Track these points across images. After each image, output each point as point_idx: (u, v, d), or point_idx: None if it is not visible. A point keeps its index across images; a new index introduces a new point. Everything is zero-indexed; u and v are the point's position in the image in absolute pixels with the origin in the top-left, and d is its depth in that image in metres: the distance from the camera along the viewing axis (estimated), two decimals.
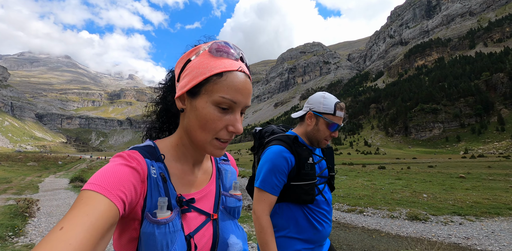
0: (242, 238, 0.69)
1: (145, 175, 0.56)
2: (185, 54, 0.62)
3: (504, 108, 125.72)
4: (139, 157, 0.57)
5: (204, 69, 0.57)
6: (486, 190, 11.16)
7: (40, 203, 7.30)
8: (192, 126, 0.60)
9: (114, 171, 0.51)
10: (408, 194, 10.40)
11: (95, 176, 0.50)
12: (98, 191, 0.47)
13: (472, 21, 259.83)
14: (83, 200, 0.46)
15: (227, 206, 0.71)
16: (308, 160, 1.25)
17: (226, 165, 0.79)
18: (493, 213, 7.31)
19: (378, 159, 65.18)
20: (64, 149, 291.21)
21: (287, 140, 1.28)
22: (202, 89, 0.57)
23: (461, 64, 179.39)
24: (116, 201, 0.48)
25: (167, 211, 0.55)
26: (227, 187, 0.74)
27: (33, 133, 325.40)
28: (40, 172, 28.31)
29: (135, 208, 0.54)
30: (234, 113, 0.59)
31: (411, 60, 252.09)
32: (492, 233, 5.80)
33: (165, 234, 0.53)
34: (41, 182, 16.77)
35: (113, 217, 0.46)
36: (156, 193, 0.57)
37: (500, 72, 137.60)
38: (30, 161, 40.11)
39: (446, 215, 7.31)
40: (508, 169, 25.96)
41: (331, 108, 1.30)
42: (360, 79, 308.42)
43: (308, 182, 1.24)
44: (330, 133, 1.32)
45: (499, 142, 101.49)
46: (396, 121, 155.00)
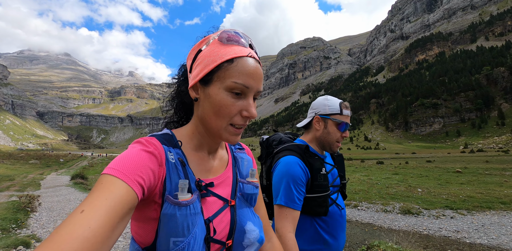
0: (259, 226, 0.70)
1: (162, 159, 0.57)
2: (195, 45, 0.64)
3: (504, 102, 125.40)
4: (157, 143, 0.59)
5: (215, 57, 0.58)
6: (480, 184, 11.26)
7: (41, 198, 7.60)
8: (207, 114, 0.61)
9: (133, 156, 0.53)
10: (403, 188, 10.51)
11: (114, 161, 0.52)
12: (117, 175, 0.48)
13: (474, 14, 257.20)
14: (103, 184, 0.47)
15: (244, 193, 0.71)
16: (321, 171, 1.22)
17: (242, 153, 0.80)
18: (485, 207, 7.40)
19: (378, 154, 65.47)
20: (65, 146, 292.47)
21: (298, 150, 1.24)
22: (214, 76, 0.59)
23: (462, 59, 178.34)
24: (134, 186, 0.49)
25: (188, 194, 0.56)
26: (244, 174, 0.75)
27: (35, 131, 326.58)
28: (42, 169, 28.64)
29: (154, 191, 0.55)
30: (247, 98, 0.61)
31: (411, 55, 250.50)
32: (482, 227, 5.90)
33: (186, 216, 0.54)
34: (43, 179, 17.04)
35: (131, 201, 0.47)
36: (176, 176, 0.58)
37: (501, 66, 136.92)
38: (32, 159, 40.47)
39: (439, 209, 7.40)
40: (505, 163, 26.20)
41: (337, 108, 1.29)
42: (360, 74, 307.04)
43: (322, 194, 1.21)
44: (341, 134, 1.30)
45: (499, 137, 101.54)
46: (396, 116, 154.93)
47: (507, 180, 12.06)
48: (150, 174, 0.53)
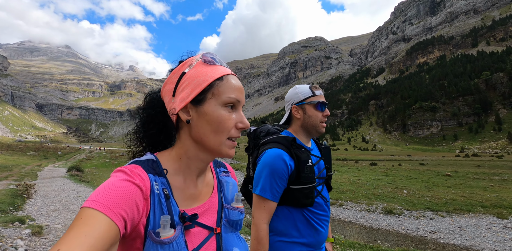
0: (245, 250, 0.70)
1: (148, 192, 0.55)
2: (176, 68, 0.65)
3: (502, 108, 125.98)
4: (142, 173, 0.56)
5: (205, 76, 0.60)
6: (466, 188, 11.47)
7: (37, 187, 8.07)
8: (204, 133, 0.61)
9: (116, 188, 0.50)
10: (389, 189, 10.74)
11: (96, 192, 0.49)
12: (99, 209, 0.45)
13: (476, 19, 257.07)
14: (82, 219, 0.44)
15: (230, 219, 0.70)
16: (307, 163, 1.22)
17: (227, 177, 0.79)
18: (465, 209, 7.61)
19: (373, 156, 65.87)
20: (64, 139, 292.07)
21: (284, 142, 1.24)
22: (208, 94, 0.60)
23: (462, 63, 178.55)
24: (117, 220, 0.46)
25: (170, 230, 0.54)
26: (229, 199, 0.74)
27: (34, 123, 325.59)
28: (40, 161, 28.97)
29: (137, 227, 0.53)
30: (238, 111, 0.64)
31: (412, 57, 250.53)
32: (458, 228, 6.11)
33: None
34: (40, 170, 17.40)
35: (114, 237, 0.45)
36: (159, 210, 0.56)
37: (500, 72, 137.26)
38: (30, 150, 40.77)
39: (420, 210, 7.61)
40: (496, 168, 26.38)
41: (308, 91, 1.32)
42: (361, 75, 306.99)
43: (308, 186, 1.22)
44: (322, 114, 1.31)
45: (495, 142, 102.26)
46: (395, 118, 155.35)
47: (493, 185, 12.31)
48: (134, 208, 0.51)
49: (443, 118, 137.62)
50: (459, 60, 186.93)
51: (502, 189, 11.04)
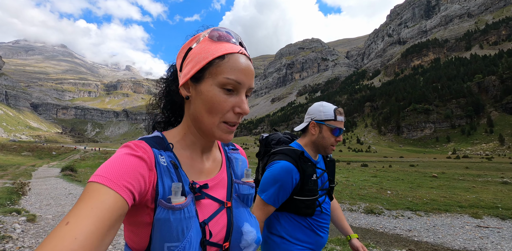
0: (256, 226, 0.69)
1: (152, 163, 0.55)
2: (185, 43, 0.64)
3: (494, 110, 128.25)
4: (146, 146, 0.57)
5: (206, 54, 0.58)
6: (449, 189, 11.61)
7: (31, 185, 8.79)
8: (199, 111, 0.60)
9: (120, 162, 0.51)
10: (374, 190, 10.93)
11: (101, 167, 0.50)
12: (104, 183, 0.47)
13: (470, 22, 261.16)
14: (89, 193, 0.46)
15: (240, 194, 0.71)
16: (312, 177, 1.29)
17: (236, 153, 0.79)
18: (443, 209, 7.79)
19: (366, 157, 66.74)
20: (59, 139, 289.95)
21: (293, 155, 1.30)
22: (206, 73, 0.58)
23: (455, 66, 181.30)
24: (122, 192, 0.47)
25: (182, 197, 0.55)
26: (239, 175, 0.74)
27: (28, 122, 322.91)
28: (34, 161, 29.35)
29: (146, 197, 0.54)
30: (239, 95, 0.60)
31: (407, 60, 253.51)
32: (433, 227, 6.31)
33: (181, 220, 0.53)
34: (35, 170, 17.91)
35: (120, 208, 0.46)
36: (168, 179, 0.57)
37: (492, 75, 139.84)
38: (25, 151, 41.00)
39: (400, 210, 7.81)
40: (483, 170, 26.98)
41: (331, 114, 1.36)
42: (357, 77, 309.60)
43: (311, 198, 1.29)
44: (335, 139, 1.37)
45: (486, 144, 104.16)
46: (389, 120, 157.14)
47: (475, 186, 12.42)
48: (139, 179, 0.52)
49: (437, 120, 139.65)
50: (453, 63, 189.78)
51: (483, 190, 11.34)
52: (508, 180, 14.50)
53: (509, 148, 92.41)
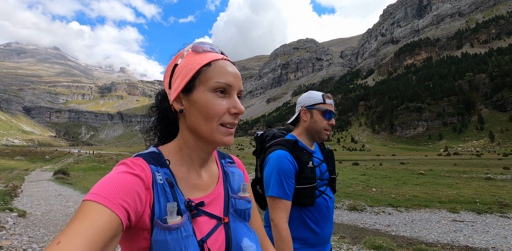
0: (255, 241, 0.69)
1: (149, 182, 0.55)
2: (170, 62, 0.65)
3: (484, 108, 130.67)
4: (143, 164, 0.57)
5: (193, 64, 0.61)
6: (433, 185, 11.80)
7: (23, 188, 9.30)
8: (196, 121, 0.61)
9: (116, 180, 0.50)
10: (360, 188, 11.09)
11: (96, 185, 0.49)
12: (99, 201, 0.46)
13: (461, 21, 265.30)
14: (83, 212, 0.45)
15: (237, 209, 0.70)
16: (308, 164, 1.27)
17: (232, 167, 0.79)
18: (423, 205, 7.99)
19: (359, 156, 67.63)
20: (53, 143, 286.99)
21: (287, 144, 1.30)
22: (196, 82, 0.60)
23: (447, 64, 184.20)
24: (118, 211, 0.46)
25: (177, 216, 0.54)
26: (235, 189, 0.74)
27: (21, 126, 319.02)
28: (27, 165, 29.46)
29: (143, 217, 0.53)
30: (232, 97, 0.62)
31: (400, 59, 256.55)
32: (411, 222, 6.52)
33: (178, 240, 0.52)
34: (28, 174, 18.23)
35: (115, 228, 0.45)
36: (164, 199, 0.56)
37: (483, 73, 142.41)
38: (18, 155, 40.93)
39: (382, 206, 8.00)
40: (470, 166, 27.56)
41: (319, 98, 1.37)
42: (351, 76, 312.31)
43: (308, 186, 1.27)
44: (327, 122, 1.37)
45: (477, 141, 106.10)
46: (383, 118, 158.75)
47: (458, 182, 12.62)
48: (136, 198, 0.51)
49: (429, 118, 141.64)
50: (444, 62, 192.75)
51: (465, 186, 11.47)
52: (491, 176, 14.85)
53: (499, 145, 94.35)
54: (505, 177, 14.75)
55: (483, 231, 5.80)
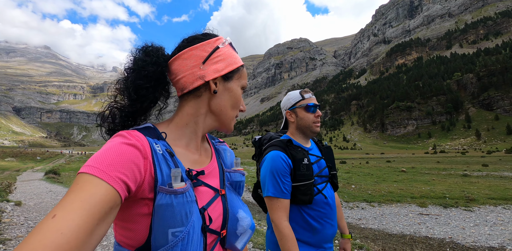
0: (249, 213, 0.72)
1: (147, 151, 0.54)
2: (211, 40, 0.67)
3: (472, 106, 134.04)
4: (139, 134, 0.57)
5: (236, 59, 0.69)
6: (410, 182, 12.16)
7: (16, 185, 10.34)
8: (224, 106, 0.68)
9: (113, 151, 0.49)
10: (340, 185, 11.27)
11: (92, 157, 0.48)
12: (95, 173, 0.45)
13: (451, 22, 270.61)
14: (79, 185, 0.44)
15: (233, 181, 0.73)
16: (303, 161, 1.28)
17: (223, 145, 0.82)
18: (395, 200, 8.32)
19: (349, 154, 69.18)
20: (45, 143, 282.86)
21: (281, 144, 1.32)
22: (235, 75, 0.69)
23: (436, 64, 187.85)
24: (115, 184, 0.46)
25: (182, 182, 0.55)
26: (228, 165, 0.77)
27: (11, 127, 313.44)
28: (18, 167, 29.78)
29: (143, 186, 0.52)
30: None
31: (392, 59, 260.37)
32: (381, 216, 6.84)
33: (183, 204, 0.53)
34: (19, 175, 18.79)
35: (112, 201, 0.45)
36: (166, 167, 0.56)
37: (470, 73, 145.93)
38: (8, 156, 41.02)
39: (357, 202, 8.38)
40: (452, 164, 28.37)
41: (297, 96, 1.41)
42: (344, 76, 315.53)
43: (305, 183, 1.26)
44: (313, 115, 1.39)
45: (464, 139, 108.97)
46: (374, 117, 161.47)
47: (435, 179, 12.95)
48: (134, 169, 0.50)
49: (418, 117, 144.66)
50: (434, 62, 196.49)
51: (440, 183, 11.75)
52: (468, 173, 15.39)
53: (485, 143, 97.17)
54: (481, 174, 15.31)
55: (444, 223, 6.13)
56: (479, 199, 8.11)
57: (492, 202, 7.80)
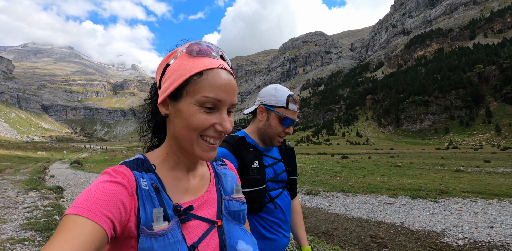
0: (252, 243, 0.66)
1: (132, 188, 0.53)
2: (163, 59, 0.62)
3: (493, 100, 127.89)
4: (126, 171, 0.55)
5: (183, 71, 0.56)
6: (397, 176, 12.25)
7: (49, 169, 14.17)
8: (178, 130, 0.58)
9: (97, 190, 0.48)
10: (328, 177, 11.82)
11: (78, 198, 0.47)
12: (80, 214, 0.44)
13: (476, 10, 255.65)
14: (64, 226, 0.43)
15: (231, 211, 0.67)
16: (253, 164, 1.13)
17: (224, 169, 0.77)
18: (370, 191, 8.63)
19: (358, 149, 69.41)
20: (70, 139, 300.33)
21: (231, 141, 1.16)
22: (184, 91, 0.56)
23: (457, 56, 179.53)
24: (101, 221, 0.45)
25: (164, 222, 0.52)
26: (229, 191, 0.71)
27: (40, 124, 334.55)
28: (48, 159, 33.84)
29: (128, 225, 0.51)
30: (221, 112, 0.58)
31: (411, 51, 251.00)
32: (350, 203, 7.28)
33: (165, 246, 0.50)
34: (50, 165, 22.15)
35: (100, 239, 0.44)
36: (150, 205, 0.54)
37: (493, 65, 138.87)
38: (39, 150, 45.86)
39: (334, 191, 8.72)
40: (456, 160, 27.47)
41: (283, 100, 1.20)
42: (360, 69, 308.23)
43: (254, 189, 1.12)
44: (283, 129, 1.21)
45: (483, 134, 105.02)
46: (389, 112, 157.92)
47: (422, 173, 12.96)
48: (119, 206, 0.49)
49: (436, 112, 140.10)
50: (455, 53, 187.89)
51: (426, 177, 11.78)
52: (462, 168, 15.24)
53: (505, 138, 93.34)
54: (475, 169, 15.14)
55: (404, 211, 6.52)
56: (452, 192, 8.33)
57: (463, 195, 8.01)
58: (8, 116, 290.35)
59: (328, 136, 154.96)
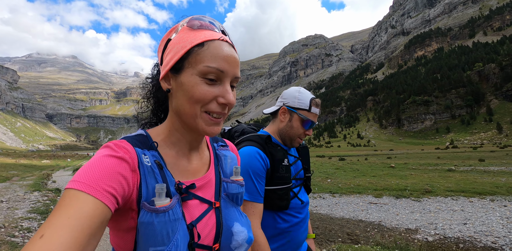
0: (247, 226, 0.66)
1: (135, 163, 0.52)
2: (164, 35, 0.61)
3: (494, 98, 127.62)
4: (128, 146, 0.54)
5: (185, 43, 0.55)
6: (387, 176, 12.22)
7: (52, 177, 15.23)
8: (181, 104, 0.57)
9: (99, 164, 0.48)
10: (319, 179, 11.88)
11: (79, 171, 0.47)
12: (82, 189, 0.44)
13: (474, 8, 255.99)
14: (65, 202, 0.43)
15: (229, 193, 0.67)
16: (283, 162, 1.16)
17: (225, 150, 0.76)
18: (357, 192, 8.70)
19: (358, 151, 69.45)
20: (74, 147, 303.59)
21: (259, 140, 1.17)
22: (186, 62, 0.55)
23: (457, 55, 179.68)
24: (103, 198, 0.44)
25: (166, 199, 0.51)
26: (228, 173, 0.71)
27: (45, 133, 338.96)
28: (53, 167, 35.05)
29: (130, 199, 0.51)
30: (223, 84, 0.57)
31: (411, 51, 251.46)
32: (335, 204, 7.37)
33: (165, 223, 0.50)
34: (54, 173, 23.25)
35: (102, 215, 0.43)
36: (153, 180, 0.53)
37: (492, 63, 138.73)
38: (44, 159, 47.21)
39: (322, 193, 8.77)
40: (450, 159, 27.65)
41: (306, 103, 1.23)
42: (361, 71, 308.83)
43: (283, 186, 1.14)
44: (304, 131, 1.24)
45: (485, 133, 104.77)
46: (390, 113, 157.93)
47: (413, 174, 12.98)
48: (122, 182, 0.48)
49: (437, 111, 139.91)
50: (455, 52, 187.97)
51: (416, 177, 11.80)
52: (453, 168, 15.31)
53: (506, 136, 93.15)
54: (466, 169, 15.16)
55: (385, 210, 6.60)
56: (436, 191, 8.38)
57: (446, 193, 8.10)
58: (13, 126, 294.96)
59: (329, 138, 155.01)
